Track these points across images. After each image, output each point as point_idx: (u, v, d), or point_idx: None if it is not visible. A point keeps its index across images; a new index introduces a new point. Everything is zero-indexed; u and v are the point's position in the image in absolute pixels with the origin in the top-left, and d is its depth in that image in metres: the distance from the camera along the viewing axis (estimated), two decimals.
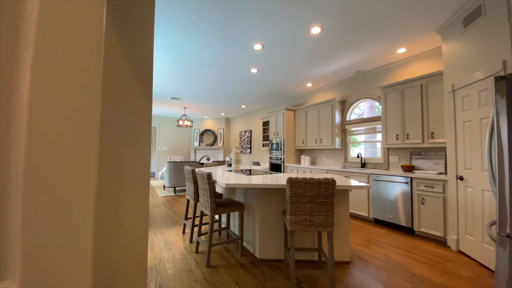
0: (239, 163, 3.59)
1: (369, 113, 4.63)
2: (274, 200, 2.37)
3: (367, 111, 4.68)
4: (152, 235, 3.01)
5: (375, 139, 4.47)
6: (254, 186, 1.97)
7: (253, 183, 2.00)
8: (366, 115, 4.63)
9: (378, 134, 4.26)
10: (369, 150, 4.60)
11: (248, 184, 1.98)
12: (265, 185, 1.98)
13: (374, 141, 4.38)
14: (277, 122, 5.76)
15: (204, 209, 2.34)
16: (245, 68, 4.15)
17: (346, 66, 4.13)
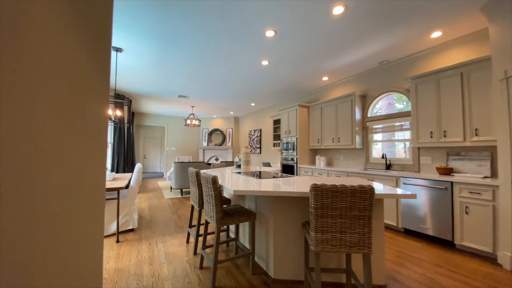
0: (249, 164, 3.23)
1: (387, 110, 4.17)
2: (291, 209, 1.99)
3: (384, 108, 4.22)
4: (154, 245, 2.70)
5: (394, 137, 4.00)
6: (269, 193, 1.60)
7: (268, 190, 1.62)
8: (384, 112, 4.17)
9: (399, 132, 3.78)
10: (386, 150, 4.13)
11: (262, 192, 1.61)
12: (283, 193, 1.60)
13: (400, 140, 3.89)
14: (289, 120, 5.36)
15: (209, 218, 1.99)
16: (255, 59, 3.78)
17: (369, 56, 3.68)
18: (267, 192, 1.60)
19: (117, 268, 2.16)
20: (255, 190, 1.62)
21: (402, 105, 4.13)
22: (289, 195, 1.60)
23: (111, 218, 2.97)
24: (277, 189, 1.67)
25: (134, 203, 3.21)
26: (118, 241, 2.78)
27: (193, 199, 2.56)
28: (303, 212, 2.00)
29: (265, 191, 1.61)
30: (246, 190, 1.62)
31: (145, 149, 11.29)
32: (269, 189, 1.66)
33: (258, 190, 1.61)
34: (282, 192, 1.60)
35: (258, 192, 1.60)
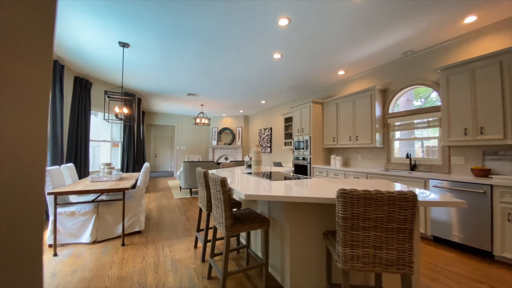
0: (260, 164, 3.02)
1: (405, 107, 3.85)
2: (311, 216, 1.75)
3: (402, 104, 3.89)
4: (160, 249, 2.54)
5: (419, 135, 3.65)
6: (286, 199, 1.38)
7: (285, 195, 1.39)
8: (402, 109, 3.84)
9: (423, 130, 3.43)
10: (407, 150, 3.80)
11: (278, 197, 1.38)
12: (303, 198, 1.37)
13: (427, 138, 3.55)
14: (302, 117, 5.09)
15: (218, 225, 1.79)
16: (267, 52, 3.55)
17: (391, 46, 3.36)
18: (283, 197, 1.38)
19: (120, 275, 2.01)
20: (269, 195, 1.40)
21: (420, 102, 3.81)
22: (310, 202, 1.37)
23: (117, 220, 2.85)
24: (296, 194, 1.44)
25: (141, 204, 3.08)
26: (124, 244, 2.64)
27: (201, 201, 2.38)
28: (325, 219, 1.76)
29: (281, 196, 1.38)
30: (259, 195, 1.40)
31: (156, 148, 11.33)
32: (286, 194, 1.44)
33: (274, 195, 1.39)
34: (302, 198, 1.37)
35: (273, 198, 1.38)
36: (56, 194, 2.36)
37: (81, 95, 4.63)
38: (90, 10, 2.56)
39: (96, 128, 6.56)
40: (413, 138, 3.71)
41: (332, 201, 1.34)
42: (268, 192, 1.50)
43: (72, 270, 2.08)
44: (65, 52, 3.68)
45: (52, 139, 3.64)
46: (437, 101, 3.59)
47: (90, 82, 4.81)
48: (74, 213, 2.66)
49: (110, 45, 3.39)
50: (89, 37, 3.15)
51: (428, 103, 3.68)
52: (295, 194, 1.43)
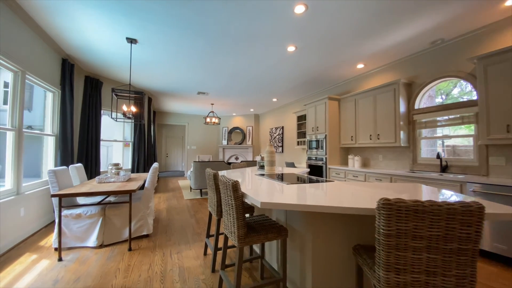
0: (274, 164, 2.80)
1: (426, 103, 3.51)
2: (337, 226, 1.51)
3: (424, 101, 3.55)
4: (167, 256, 2.38)
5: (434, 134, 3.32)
6: (311, 208, 1.15)
7: (309, 204, 1.17)
8: (423, 105, 3.50)
9: (450, 127, 3.07)
10: (425, 150, 3.47)
11: (301, 206, 1.16)
12: (332, 208, 1.13)
13: (461, 136, 3.19)
14: (317, 115, 4.81)
15: (229, 234, 1.59)
16: (280, 45, 3.32)
17: (418, 34, 3.04)
18: (309, 207, 1.15)
19: (124, 285, 1.86)
20: (291, 203, 1.18)
21: (441, 99, 3.47)
22: (343, 212, 1.13)
23: (125, 223, 2.72)
24: (322, 202, 1.20)
25: (149, 207, 2.94)
26: (131, 249, 2.51)
27: (211, 205, 2.19)
28: (354, 230, 1.52)
29: (306, 206, 1.15)
30: (278, 203, 1.18)
31: (167, 148, 11.37)
32: (310, 202, 1.21)
33: (296, 204, 1.16)
34: (332, 208, 1.13)
35: (296, 207, 1.16)
36: (60, 196, 2.25)
37: (92, 94, 4.59)
38: (96, 4, 2.43)
39: (109, 128, 6.59)
40: (443, 137, 3.35)
41: (369, 212, 1.10)
42: (287, 199, 1.28)
43: (75, 278, 1.95)
44: (74, 50, 3.62)
45: (62, 139, 3.59)
46: (460, 97, 3.27)
47: (100, 82, 4.77)
48: (80, 215, 2.55)
49: (118, 42, 3.28)
50: (97, 33, 3.05)
51: (449, 100, 3.36)
52: (321, 203, 1.19)
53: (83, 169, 3.38)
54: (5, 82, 6.79)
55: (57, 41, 3.31)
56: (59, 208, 2.28)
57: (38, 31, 2.93)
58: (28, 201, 2.80)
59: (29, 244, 2.60)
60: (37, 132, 3.22)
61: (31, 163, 3.65)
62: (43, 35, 3.03)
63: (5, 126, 2.55)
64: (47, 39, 3.13)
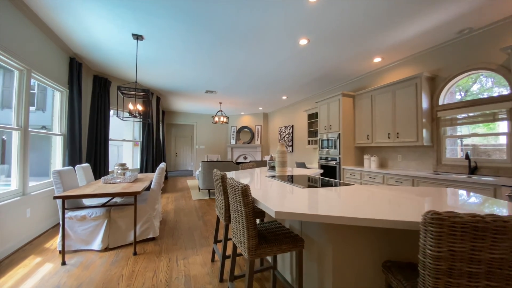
0: (285, 165, 2.62)
1: (448, 100, 3.22)
2: (362, 237, 1.32)
3: (442, 98, 3.25)
4: (173, 262, 2.25)
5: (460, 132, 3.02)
6: (337, 220, 0.96)
7: (333, 215, 0.98)
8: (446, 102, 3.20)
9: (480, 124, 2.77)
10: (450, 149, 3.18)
11: (324, 217, 0.98)
12: (365, 221, 0.95)
13: (493, 134, 2.89)
14: (330, 112, 4.57)
15: (239, 244, 1.43)
16: (292, 38, 3.13)
17: (443, 23, 2.76)
18: (335, 218, 0.97)
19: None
20: (311, 213, 1.00)
21: (460, 95, 3.17)
22: (378, 225, 0.94)
23: (130, 225, 2.62)
24: (348, 213, 1.02)
25: (155, 209, 2.83)
26: (136, 254, 2.40)
27: (219, 209, 2.04)
28: (383, 243, 1.32)
29: (330, 217, 0.97)
30: (296, 213, 1.01)
31: (176, 147, 11.41)
32: (334, 212, 1.02)
33: (318, 215, 0.98)
34: (365, 221, 0.94)
35: (318, 218, 0.98)
36: (63, 198, 2.16)
37: (101, 94, 4.56)
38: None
39: (119, 127, 6.60)
40: (471, 135, 3.05)
41: (411, 227, 0.91)
42: (306, 207, 1.10)
43: (77, 285, 1.86)
44: (81, 49, 3.57)
45: (70, 139, 3.55)
46: (479, 93, 3.00)
47: (109, 81, 4.73)
48: (85, 217, 2.47)
49: (124, 39, 3.19)
50: (102, 30, 2.97)
51: (469, 97, 3.09)
52: (349, 213, 1.01)
53: (90, 169, 3.33)
54: None
55: (63, 39, 3.26)
56: (62, 211, 2.20)
57: (44, 28, 2.87)
58: (34, 202, 2.75)
59: (34, 246, 2.55)
60: (44, 131, 3.19)
61: (43, 162, 3.64)
62: (49, 33, 2.98)
63: (11, 125, 2.51)
64: (53, 37, 3.08)
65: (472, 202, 1.30)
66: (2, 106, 5.84)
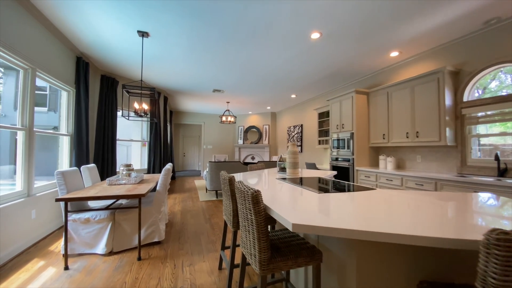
0: (297, 167, 2.46)
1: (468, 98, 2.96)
2: (392, 251, 1.15)
3: (466, 94, 3.00)
4: (179, 268, 2.14)
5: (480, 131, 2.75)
6: (371, 237, 0.80)
7: (364, 230, 0.82)
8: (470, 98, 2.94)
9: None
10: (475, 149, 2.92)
11: (353, 232, 0.81)
12: (405, 238, 0.78)
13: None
14: (342, 110, 4.36)
15: (249, 256, 1.28)
16: (303, 30, 2.95)
17: (468, 13, 2.53)
18: (365, 233, 0.80)
19: None
20: (337, 227, 0.84)
21: (478, 93, 2.92)
22: (423, 244, 0.78)
23: (135, 229, 2.53)
24: (382, 227, 0.85)
25: (160, 211, 2.73)
26: (140, 259, 2.30)
27: (226, 214, 1.90)
28: (418, 260, 1.14)
29: (361, 232, 0.81)
30: (320, 227, 0.85)
31: (184, 147, 11.41)
32: (364, 225, 0.86)
33: (345, 229, 0.82)
34: (405, 238, 0.78)
35: (346, 233, 0.82)
36: (65, 201, 2.08)
37: (108, 94, 4.53)
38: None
39: (127, 127, 6.60)
40: (501, 134, 2.79)
41: (468, 246, 0.74)
42: (329, 218, 0.94)
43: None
44: (87, 47, 3.52)
45: (77, 139, 3.52)
46: (499, 91, 2.79)
47: (116, 81, 4.70)
48: (89, 220, 2.39)
49: (130, 36, 3.11)
50: (108, 28, 2.89)
51: (487, 94, 2.87)
52: (383, 227, 0.84)
53: (96, 169, 3.27)
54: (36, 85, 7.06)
55: (69, 37, 3.21)
56: (65, 213, 2.12)
57: (49, 26, 2.83)
58: (40, 203, 2.71)
59: (39, 249, 2.49)
60: (49, 131, 3.15)
61: (53, 162, 3.62)
62: (54, 31, 2.94)
63: (15, 125, 2.46)
64: (58, 35, 3.04)
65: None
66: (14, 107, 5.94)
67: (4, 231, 2.18)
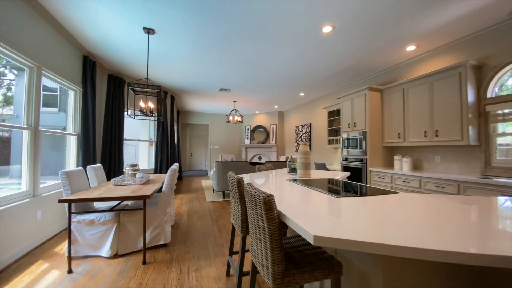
0: (309, 168, 2.32)
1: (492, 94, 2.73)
2: (423, 265, 1.00)
3: (490, 90, 2.78)
4: (185, 273, 2.04)
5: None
6: (411, 254, 0.67)
7: (401, 244, 0.68)
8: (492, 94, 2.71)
9: None
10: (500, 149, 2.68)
11: (391, 247, 0.68)
12: (454, 256, 0.64)
13: None
14: (354, 108, 4.18)
15: (260, 267, 1.16)
16: (314, 25, 2.81)
17: (492, 3, 2.33)
18: (413, 250, 0.67)
19: None
20: (369, 241, 0.70)
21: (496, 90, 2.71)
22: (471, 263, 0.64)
23: (140, 231, 2.45)
24: (428, 242, 0.71)
25: (166, 213, 2.65)
26: (145, 262, 2.22)
27: (234, 218, 1.79)
28: (462, 277, 0.99)
29: (406, 249, 0.67)
30: (349, 240, 0.72)
31: (191, 147, 11.40)
32: (404, 240, 0.72)
33: (385, 245, 0.69)
34: (454, 256, 0.64)
35: (386, 249, 0.68)
36: (69, 202, 2.02)
37: (115, 93, 4.50)
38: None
39: (135, 127, 6.61)
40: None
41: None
42: (357, 229, 0.81)
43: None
44: (94, 46, 3.48)
45: (84, 139, 3.49)
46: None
47: (123, 80, 4.68)
48: (94, 221, 2.33)
49: (136, 34, 3.05)
50: (113, 25, 2.83)
51: (504, 91, 2.68)
52: (423, 242, 0.70)
53: (102, 169, 3.22)
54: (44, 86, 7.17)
55: (74, 35, 3.18)
56: (69, 215, 2.06)
57: (54, 24, 2.79)
58: (45, 203, 2.67)
59: (44, 250, 2.45)
60: (56, 131, 3.12)
61: (63, 162, 3.60)
62: (60, 29, 2.90)
63: (21, 125, 2.43)
64: (64, 33, 3.00)
65: None
66: None
67: (9, 232, 2.15)
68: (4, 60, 2.52)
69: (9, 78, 4.36)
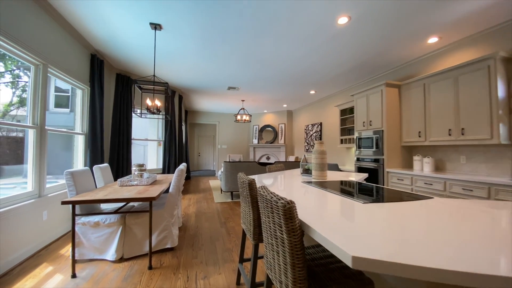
0: (325, 169, 2.16)
1: None
2: None
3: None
4: (192, 281, 1.92)
5: None
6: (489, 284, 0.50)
7: (468, 271, 0.52)
8: None
9: None
10: None
11: (465, 275, 0.52)
12: None
13: None
14: (370, 106, 3.97)
15: (278, 284, 1.01)
16: (329, 15, 2.63)
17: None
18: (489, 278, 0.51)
19: None
20: (437, 267, 0.54)
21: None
22: None
23: (146, 234, 2.35)
24: (493, 269, 0.55)
25: (173, 215, 2.54)
26: (151, 268, 2.11)
27: (245, 223, 1.65)
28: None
29: (476, 276, 0.51)
30: (405, 264, 0.56)
31: (199, 147, 11.38)
32: (478, 267, 0.56)
33: (463, 272, 0.53)
34: None
35: (460, 278, 0.52)
36: (72, 203, 1.94)
37: (123, 92, 4.46)
38: None
39: (144, 127, 6.59)
40: None
41: None
42: (409, 250, 0.65)
43: None
44: (101, 44, 3.43)
45: (92, 138, 3.44)
46: None
47: (131, 79, 4.63)
48: (99, 223, 2.24)
49: (142, 30, 2.96)
50: (120, 21, 2.75)
51: None
52: (487, 267, 0.54)
53: (109, 169, 3.16)
54: (57, 87, 7.25)
55: (82, 33, 3.12)
56: (72, 217, 1.98)
57: (61, 20, 2.73)
58: (52, 204, 2.62)
59: (50, 252, 2.39)
60: (63, 130, 3.08)
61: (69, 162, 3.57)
62: (66, 26, 2.85)
63: (27, 124, 2.38)
64: (71, 30, 2.95)
65: None
66: None
67: (15, 233, 2.09)
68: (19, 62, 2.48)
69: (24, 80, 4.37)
